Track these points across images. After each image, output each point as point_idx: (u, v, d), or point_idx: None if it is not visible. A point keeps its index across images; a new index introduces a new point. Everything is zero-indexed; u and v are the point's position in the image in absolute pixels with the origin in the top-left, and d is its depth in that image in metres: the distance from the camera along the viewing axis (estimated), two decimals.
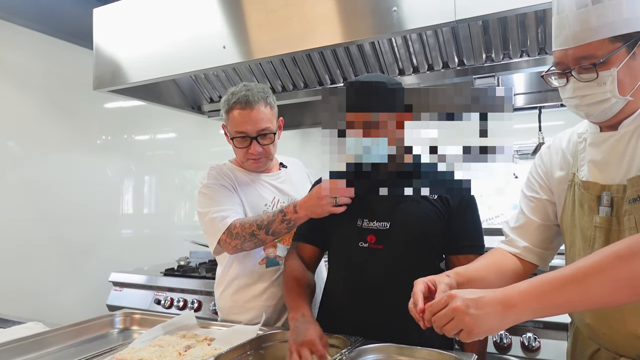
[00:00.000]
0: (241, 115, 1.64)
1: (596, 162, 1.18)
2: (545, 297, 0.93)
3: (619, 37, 1.04)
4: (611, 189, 1.13)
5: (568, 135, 1.32)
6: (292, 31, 1.89)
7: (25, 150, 2.76)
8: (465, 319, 0.93)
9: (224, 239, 1.60)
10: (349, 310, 1.49)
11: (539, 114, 2.91)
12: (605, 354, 1.20)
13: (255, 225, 1.56)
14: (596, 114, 1.11)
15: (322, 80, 2.43)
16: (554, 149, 1.34)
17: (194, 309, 2.40)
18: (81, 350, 1.43)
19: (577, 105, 1.12)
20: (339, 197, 1.43)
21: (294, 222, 1.53)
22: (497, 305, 0.93)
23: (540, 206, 1.33)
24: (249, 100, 1.63)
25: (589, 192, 1.17)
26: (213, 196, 1.67)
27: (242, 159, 1.73)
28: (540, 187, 1.34)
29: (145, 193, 3.68)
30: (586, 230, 1.17)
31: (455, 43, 2.05)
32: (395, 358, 1.24)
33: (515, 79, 2.61)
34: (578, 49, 1.06)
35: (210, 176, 1.74)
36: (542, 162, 1.36)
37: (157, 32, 2.18)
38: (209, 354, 1.26)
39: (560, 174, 1.28)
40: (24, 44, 2.76)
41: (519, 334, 1.77)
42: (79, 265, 3.00)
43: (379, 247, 1.45)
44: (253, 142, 1.66)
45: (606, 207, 1.13)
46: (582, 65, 1.07)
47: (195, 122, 3.40)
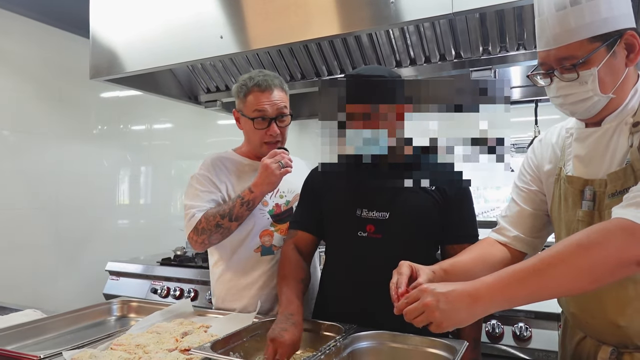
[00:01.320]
0: (261, 96, 1.68)
1: (580, 157, 1.20)
2: (511, 289, 0.98)
3: (598, 37, 1.06)
4: (594, 184, 1.16)
5: (558, 129, 1.35)
6: (290, 22, 1.89)
7: (20, 140, 2.76)
8: (435, 314, 0.98)
9: (191, 237, 1.65)
10: (346, 299, 1.50)
11: (535, 108, 2.92)
12: (590, 341, 1.24)
13: (219, 215, 1.60)
14: (580, 111, 1.14)
15: (319, 72, 2.43)
16: (545, 142, 1.37)
17: (190, 298, 2.41)
18: (79, 337, 1.44)
19: (561, 104, 1.15)
20: (282, 161, 1.53)
21: (252, 202, 1.60)
22: (466, 298, 0.98)
23: (531, 196, 1.36)
24: (268, 83, 1.69)
25: (572, 186, 1.20)
26: (197, 189, 1.70)
27: (259, 142, 1.73)
28: (532, 179, 1.37)
29: (142, 183, 3.68)
30: (570, 223, 1.20)
31: (453, 35, 2.06)
32: (388, 345, 1.26)
33: (512, 72, 2.62)
34: (559, 50, 1.09)
35: (202, 166, 1.76)
36: (534, 155, 1.39)
37: (154, 21, 2.17)
38: (206, 340, 1.28)
39: (549, 167, 1.31)
40: (20, 32, 2.75)
41: (510, 324, 1.80)
42: (76, 254, 3.01)
43: (377, 236, 1.47)
44: (272, 123, 1.68)
45: (589, 201, 1.16)
46: (564, 65, 1.09)
47: (192, 112, 3.39)
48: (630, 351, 1.15)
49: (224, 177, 1.74)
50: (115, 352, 1.24)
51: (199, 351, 1.15)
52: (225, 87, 2.76)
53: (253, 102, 1.69)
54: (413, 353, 1.23)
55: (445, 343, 1.20)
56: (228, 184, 1.74)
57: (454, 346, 1.17)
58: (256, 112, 1.69)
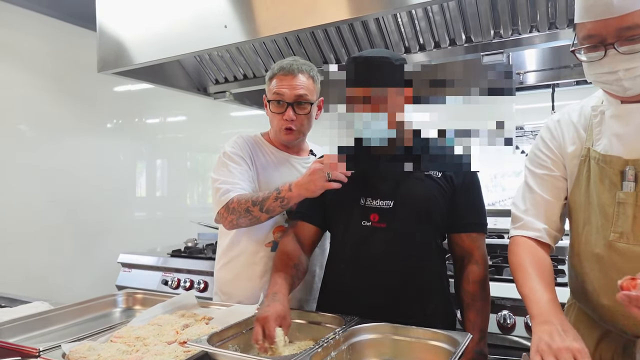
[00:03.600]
0: (283, 80, 1.66)
1: (619, 135, 1.12)
2: None
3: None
4: (636, 163, 1.08)
5: (579, 109, 1.26)
6: (295, 8, 1.85)
7: (36, 134, 2.80)
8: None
9: (222, 213, 1.61)
10: (350, 289, 1.48)
11: (552, 93, 2.83)
12: (617, 337, 1.17)
13: (251, 201, 1.55)
14: (636, 87, 1.05)
15: (327, 60, 2.39)
16: (564, 122, 1.27)
17: (200, 289, 2.42)
18: (83, 329, 1.45)
19: (617, 79, 1.04)
20: (332, 172, 1.39)
21: (288, 200, 1.51)
22: None
23: (553, 183, 1.26)
24: (292, 68, 1.66)
25: (610, 166, 1.12)
26: (228, 165, 1.67)
27: (277, 127, 1.72)
28: (553, 162, 1.27)
29: (157, 176, 3.71)
30: (607, 207, 1.12)
31: (463, 20, 1.99)
32: (389, 337, 1.23)
33: (527, 56, 2.53)
34: (621, 19, 0.99)
35: (234, 144, 1.73)
36: (552, 136, 1.28)
37: (160, 13, 2.16)
38: (206, 332, 1.26)
39: (572, 148, 1.22)
40: (32, 28, 2.78)
41: (522, 314, 1.75)
42: (91, 247, 3.05)
43: (382, 225, 1.43)
44: (288, 107, 1.66)
45: (630, 182, 1.08)
46: (627, 36, 0.99)
47: (205, 104, 3.40)
48: None
49: (253, 159, 1.73)
50: (114, 345, 1.24)
51: (195, 344, 1.13)
52: (233, 78, 2.75)
53: (274, 85, 1.67)
54: (415, 345, 1.20)
55: (448, 335, 1.16)
56: (255, 168, 1.73)
57: (457, 339, 1.13)
58: (275, 95, 1.67)
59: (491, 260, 2.22)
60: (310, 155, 1.87)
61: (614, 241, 1.11)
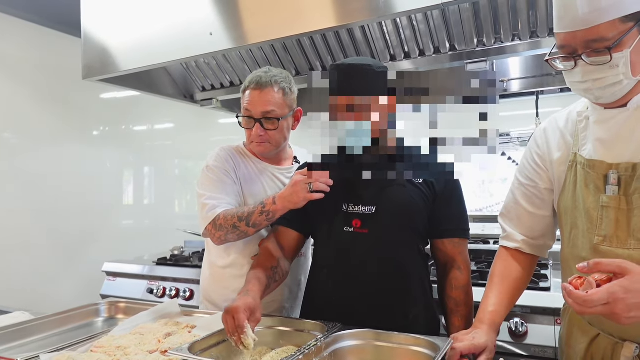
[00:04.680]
0: (250, 96, 1.64)
1: (602, 140, 1.14)
2: None
3: (630, 16, 0.99)
4: (619, 167, 1.10)
5: (565, 114, 1.28)
6: (281, 16, 1.87)
7: (19, 142, 2.77)
8: (622, 318, 0.91)
9: (209, 229, 1.60)
10: (333, 295, 1.48)
11: (537, 100, 2.87)
12: (606, 340, 1.18)
13: (237, 217, 1.54)
14: (607, 96, 1.08)
15: (313, 67, 2.40)
16: (550, 130, 1.30)
17: (186, 297, 2.40)
18: (63, 339, 1.43)
19: (587, 89, 1.08)
20: (313, 183, 1.40)
21: (273, 213, 1.50)
22: None
23: (535, 194, 1.31)
24: (260, 82, 1.63)
25: (594, 170, 1.14)
26: (213, 180, 1.66)
27: (248, 140, 1.72)
28: (537, 173, 1.31)
29: (145, 184, 3.69)
30: (592, 210, 1.14)
31: (447, 28, 2.01)
32: (372, 343, 1.23)
33: (510, 64, 2.56)
34: (588, 32, 1.01)
35: (217, 157, 1.72)
36: (537, 146, 1.32)
37: (145, 19, 2.16)
38: (188, 340, 1.25)
39: (559, 155, 1.25)
40: (16, 34, 2.76)
41: (506, 319, 1.75)
42: (76, 256, 3.02)
43: (364, 231, 1.44)
44: (256, 124, 1.64)
45: (613, 185, 1.10)
46: (593, 48, 1.02)
47: (193, 112, 3.38)
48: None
49: (237, 172, 1.72)
50: (94, 355, 1.22)
51: (176, 353, 1.12)
52: (220, 85, 2.74)
53: (245, 99, 1.66)
54: (396, 351, 1.20)
55: (430, 341, 1.17)
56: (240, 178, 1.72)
57: (438, 344, 1.13)
58: (244, 110, 1.67)
59: (476, 265, 2.23)
60: (294, 163, 1.87)
61: (598, 244, 1.13)
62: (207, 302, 1.80)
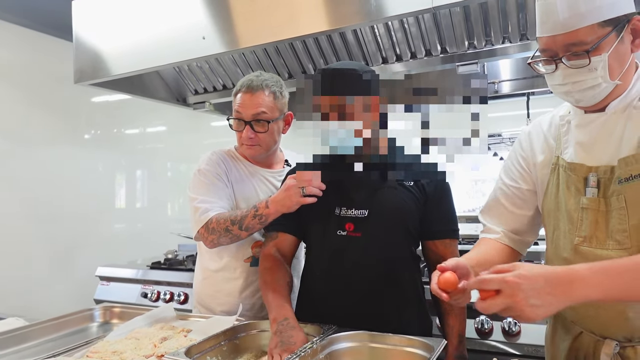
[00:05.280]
0: (241, 99, 1.66)
1: (583, 143, 1.17)
2: (610, 278, 0.93)
3: (608, 21, 1.03)
4: (598, 170, 1.13)
5: (549, 118, 1.31)
6: (274, 20, 1.87)
7: (10, 146, 2.75)
8: (526, 311, 0.90)
9: (202, 233, 1.61)
10: (327, 298, 1.49)
11: (527, 101, 2.90)
12: (588, 337, 1.20)
13: (229, 220, 1.55)
14: (586, 99, 1.10)
15: (305, 70, 2.41)
16: (534, 133, 1.32)
17: (180, 301, 2.40)
18: (58, 345, 1.43)
19: (567, 91, 1.11)
20: (306, 187, 1.42)
21: (266, 217, 1.52)
22: (563, 297, 0.91)
23: (517, 195, 1.33)
24: (252, 85, 1.65)
25: (575, 173, 1.17)
26: (205, 183, 1.67)
27: (239, 143, 1.73)
28: (520, 175, 1.33)
29: (137, 187, 3.67)
30: (573, 212, 1.17)
31: (438, 31, 2.03)
32: (366, 345, 1.25)
33: (501, 66, 2.59)
34: (567, 36, 1.05)
35: (209, 161, 1.72)
36: (521, 148, 1.34)
37: (137, 23, 2.16)
38: (184, 345, 1.26)
39: (542, 157, 1.28)
40: (7, 38, 2.74)
41: (499, 319, 1.78)
42: (68, 260, 3.00)
43: (357, 234, 1.45)
44: (247, 126, 1.65)
45: (593, 188, 1.13)
46: (572, 51, 1.05)
47: (186, 115, 3.38)
48: (634, 345, 1.12)
49: (228, 175, 1.72)
50: None
51: (172, 357, 1.13)
52: (213, 88, 2.74)
53: (236, 102, 1.68)
54: (392, 352, 1.21)
55: (424, 342, 1.18)
56: (232, 182, 1.72)
57: (432, 345, 1.15)
58: (235, 112, 1.68)
59: None
60: (285, 166, 1.88)
61: (578, 245, 1.15)
62: (200, 306, 1.80)
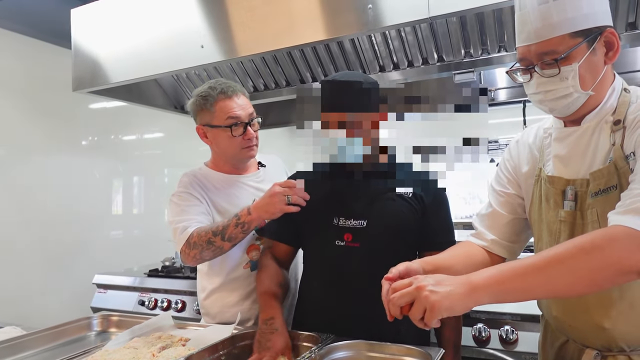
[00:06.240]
0: (231, 103, 1.65)
1: (560, 156, 1.20)
2: (507, 281, 0.95)
3: (579, 32, 1.06)
4: (575, 183, 1.15)
5: (535, 130, 1.34)
6: (272, 29, 1.89)
7: (7, 152, 2.75)
8: (429, 297, 0.93)
9: (184, 250, 1.58)
10: (325, 308, 1.49)
11: (523, 108, 2.92)
12: (573, 345, 1.23)
13: (211, 232, 1.53)
14: (559, 108, 1.13)
15: (303, 78, 2.42)
16: (522, 143, 1.36)
17: (177, 309, 2.39)
18: (56, 354, 1.42)
19: (540, 100, 1.14)
20: (291, 196, 1.42)
21: (248, 224, 1.51)
22: (460, 284, 0.95)
23: (508, 200, 1.35)
24: (233, 89, 1.66)
25: (554, 186, 1.19)
26: (180, 204, 1.66)
27: (237, 149, 1.69)
28: (509, 181, 1.36)
29: (134, 194, 3.67)
30: (552, 224, 1.20)
31: (434, 39, 2.05)
32: (365, 354, 1.25)
33: (497, 74, 2.61)
34: (540, 45, 1.08)
35: (180, 183, 1.73)
36: (510, 157, 1.38)
37: (136, 32, 2.17)
38: (182, 354, 1.26)
39: (527, 168, 1.31)
40: (5, 46, 2.75)
41: (497, 327, 1.78)
42: (65, 268, 2.98)
43: (355, 245, 1.45)
44: (247, 127, 1.66)
45: (570, 201, 1.15)
46: (545, 60, 1.09)
47: (182, 121, 3.37)
48: (614, 354, 1.14)
49: (202, 193, 1.71)
50: None
51: None
52: None
53: (224, 109, 1.64)
54: None
55: (422, 351, 1.19)
56: (208, 200, 1.71)
57: (430, 354, 1.15)
58: (230, 119, 1.64)
59: None
60: (260, 167, 1.87)
61: None
62: (207, 318, 1.78)
